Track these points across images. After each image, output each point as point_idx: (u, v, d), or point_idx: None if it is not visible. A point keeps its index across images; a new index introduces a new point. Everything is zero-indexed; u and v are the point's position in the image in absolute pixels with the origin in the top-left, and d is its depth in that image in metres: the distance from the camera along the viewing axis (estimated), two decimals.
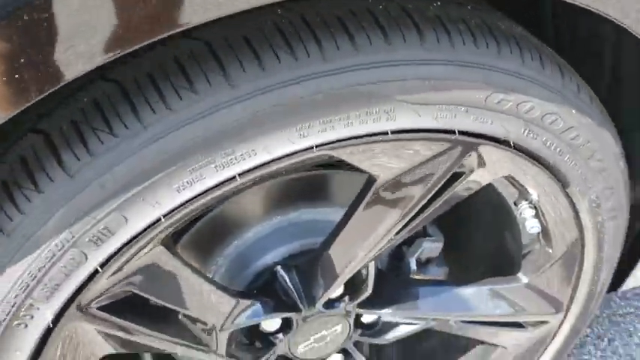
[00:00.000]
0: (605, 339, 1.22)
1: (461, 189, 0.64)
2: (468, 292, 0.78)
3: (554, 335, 0.86)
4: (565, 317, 0.83)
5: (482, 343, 0.90)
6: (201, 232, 0.67)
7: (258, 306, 0.69)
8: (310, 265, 0.71)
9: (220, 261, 0.69)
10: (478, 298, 0.78)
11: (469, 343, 0.93)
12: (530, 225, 0.71)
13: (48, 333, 0.53)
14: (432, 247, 0.83)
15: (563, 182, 0.65)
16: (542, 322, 0.83)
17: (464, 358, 0.93)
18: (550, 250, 0.76)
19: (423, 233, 0.83)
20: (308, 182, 0.74)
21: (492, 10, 0.59)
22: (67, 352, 0.56)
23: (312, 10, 0.48)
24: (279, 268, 0.72)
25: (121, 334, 0.58)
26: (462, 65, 0.52)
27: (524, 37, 0.59)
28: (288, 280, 0.71)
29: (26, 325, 0.52)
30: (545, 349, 0.88)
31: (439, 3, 0.52)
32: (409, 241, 0.83)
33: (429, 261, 0.85)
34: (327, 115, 0.49)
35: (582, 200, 0.68)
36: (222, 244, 0.69)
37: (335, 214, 0.71)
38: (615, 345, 1.21)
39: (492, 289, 0.78)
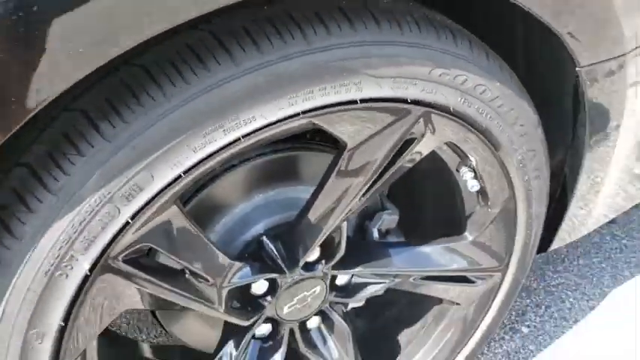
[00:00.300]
0: (543, 306, 1.38)
1: (413, 153, 0.78)
2: (426, 250, 0.91)
3: (499, 287, 1.00)
4: (507, 269, 0.97)
5: (439, 303, 1.04)
6: (202, 204, 0.77)
7: (247, 268, 0.80)
8: (290, 232, 0.83)
9: (218, 228, 0.80)
10: (435, 256, 0.92)
11: (427, 307, 1.06)
12: (471, 185, 0.86)
13: (83, 283, 0.62)
14: (389, 219, 0.96)
15: (495, 145, 0.80)
16: (489, 275, 0.98)
17: (423, 321, 1.07)
18: (489, 210, 0.90)
19: (381, 207, 0.97)
20: (284, 164, 0.86)
21: (431, 8, 0.74)
22: (97, 303, 0.65)
23: (296, 6, 0.62)
24: (264, 237, 0.83)
25: (141, 287, 0.68)
26: (410, 46, 0.67)
27: (456, 28, 0.75)
28: (272, 247, 0.83)
29: (67, 276, 0.61)
30: (493, 301, 1.02)
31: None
32: (370, 215, 0.96)
33: (388, 231, 0.99)
34: (309, 86, 0.62)
35: (511, 161, 0.83)
36: (219, 216, 0.80)
37: (306, 192, 0.84)
38: (551, 311, 1.37)
39: (447, 247, 0.92)
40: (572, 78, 0.83)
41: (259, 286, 0.84)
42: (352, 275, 0.90)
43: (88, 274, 0.62)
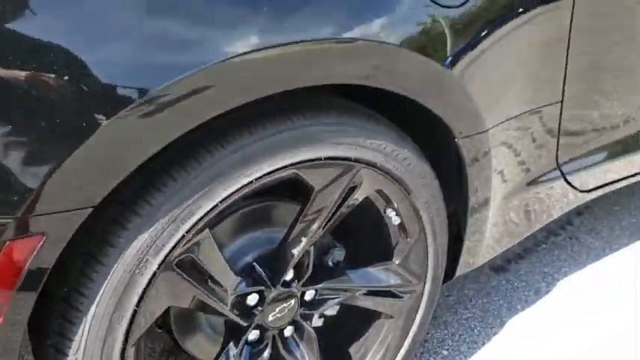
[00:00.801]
0: (457, 334, 1.74)
1: (354, 199, 1.17)
2: (369, 270, 1.29)
3: (420, 302, 1.37)
4: (425, 285, 1.35)
5: (379, 317, 1.38)
6: (218, 235, 1.11)
7: (244, 283, 1.14)
8: (272, 258, 1.18)
9: (226, 252, 1.14)
10: (378, 275, 1.29)
11: (371, 322, 1.40)
12: (394, 221, 1.25)
13: (151, 279, 0.95)
14: (339, 253, 1.33)
15: (407, 191, 1.21)
16: (412, 291, 1.35)
17: (367, 334, 1.41)
18: (408, 240, 1.29)
19: (332, 245, 1.33)
20: (264, 211, 1.22)
21: (356, 105, 1.17)
22: (157, 294, 0.98)
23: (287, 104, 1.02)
24: (254, 263, 1.18)
25: (182, 287, 1.01)
26: (354, 126, 1.08)
27: (375, 116, 1.17)
28: (260, 270, 1.17)
29: (142, 274, 0.94)
30: (416, 315, 1.38)
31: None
32: (326, 251, 1.33)
33: (339, 262, 1.35)
34: (296, 148, 1.01)
35: (419, 203, 1.24)
36: (229, 243, 1.15)
37: (280, 232, 1.20)
38: (464, 337, 1.73)
39: (386, 268, 1.29)
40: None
41: (252, 299, 1.17)
42: (316, 292, 1.25)
43: (156, 272, 0.95)
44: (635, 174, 1.86)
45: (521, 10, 1.21)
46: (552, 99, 1.41)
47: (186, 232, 0.96)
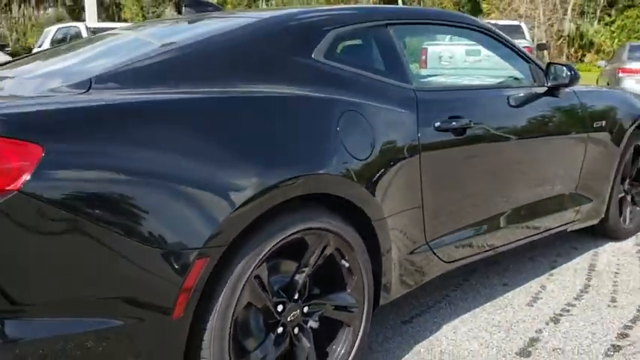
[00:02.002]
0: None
1: (326, 252, 2.35)
2: (337, 294, 2.43)
3: (362, 315, 2.50)
4: (364, 305, 2.49)
5: (342, 326, 2.48)
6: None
7: (274, 299, 2.25)
8: (288, 286, 2.30)
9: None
10: (341, 297, 2.43)
11: (337, 329, 2.50)
12: (346, 266, 2.42)
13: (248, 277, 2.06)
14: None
15: (351, 248, 2.41)
16: (357, 307, 2.47)
17: (337, 337, 2.49)
18: (353, 277, 2.46)
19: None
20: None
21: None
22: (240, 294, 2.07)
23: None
24: (279, 288, 2.29)
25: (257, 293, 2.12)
26: (325, 214, 2.31)
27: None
28: (281, 292, 2.28)
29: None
30: (361, 323, 2.50)
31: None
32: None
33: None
34: (304, 221, 2.21)
35: (358, 255, 2.43)
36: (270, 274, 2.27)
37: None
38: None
39: (344, 294, 2.44)
40: None
41: (279, 307, 2.27)
42: (309, 306, 2.37)
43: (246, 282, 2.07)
44: (487, 250, 3.18)
45: (392, 163, 2.55)
46: (415, 205, 2.72)
47: (266, 254, 2.10)
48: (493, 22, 16.40)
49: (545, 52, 29.70)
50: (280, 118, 2.19)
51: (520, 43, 9.79)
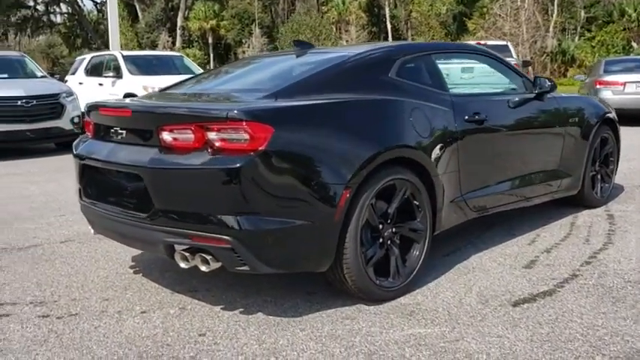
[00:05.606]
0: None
1: (406, 195, 3.84)
2: (413, 222, 3.93)
3: (426, 235, 3.99)
4: (427, 229, 3.99)
5: (413, 242, 3.97)
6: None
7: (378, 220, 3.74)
8: (384, 213, 3.79)
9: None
10: (414, 223, 3.93)
11: (412, 244, 3.99)
12: (416, 203, 3.93)
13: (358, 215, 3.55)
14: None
15: (419, 190, 3.91)
16: (423, 230, 3.97)
17: (411, 251, 3.98)
18: (419, 210, 3.95)
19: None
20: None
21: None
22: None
23: None
24: (380, 213, 3.78)
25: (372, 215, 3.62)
26: (407, 172, 3.82)
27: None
28: (381, 217, 3.77)
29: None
30: (425, 240, 3.99)
31: None
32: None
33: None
34: (395, 173, 3.72)
35: (422, 196, 3.94)
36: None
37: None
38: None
39: (416, 220, 3.94)
40: None
41: (381, 226, 3.76)
42: (396, 227, 3.86)
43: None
44: (499, 205, 4.72)
45: (441, 140, 4.09)
46: (455, 169, 4.24)
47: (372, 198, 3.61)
48: (482, 42, 18.15)
49: (530, 68, 31.59)
50: (382, 112, 3.74)
51: (508, 60, 11.40)
